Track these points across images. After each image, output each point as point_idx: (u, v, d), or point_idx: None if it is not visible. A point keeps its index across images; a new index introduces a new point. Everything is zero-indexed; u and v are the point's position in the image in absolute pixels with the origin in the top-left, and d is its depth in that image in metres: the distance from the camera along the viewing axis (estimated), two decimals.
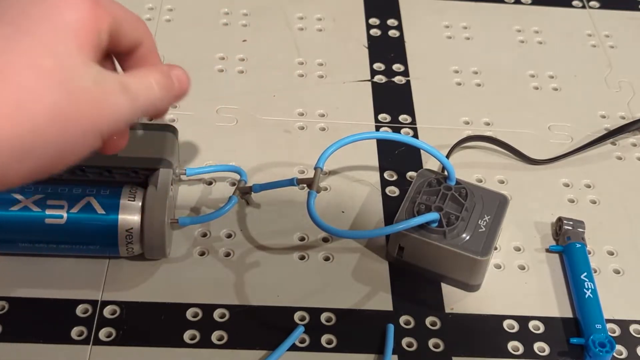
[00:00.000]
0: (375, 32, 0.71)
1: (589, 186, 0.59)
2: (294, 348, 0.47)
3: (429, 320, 0.50)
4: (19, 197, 0.49)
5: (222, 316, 0.49)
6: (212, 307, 0.49)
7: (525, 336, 0.49)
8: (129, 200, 0.49)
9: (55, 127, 0.33)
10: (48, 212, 0.48)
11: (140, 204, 0.48)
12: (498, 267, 0.53)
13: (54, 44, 0.33)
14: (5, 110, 0.31)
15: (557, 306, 0.51)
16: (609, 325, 0.50)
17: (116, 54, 0.40)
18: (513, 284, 0.52)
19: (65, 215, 0.48)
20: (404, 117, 0.63)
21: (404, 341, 0.48)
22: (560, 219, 0.55)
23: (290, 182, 0.52)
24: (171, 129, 0.54)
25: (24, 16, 0.34)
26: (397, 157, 0.60)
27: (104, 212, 0.48)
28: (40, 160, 0.33)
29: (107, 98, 0.35)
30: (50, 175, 0.34)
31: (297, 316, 0.49)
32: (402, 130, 0.62)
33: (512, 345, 0.49)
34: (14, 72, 0.32)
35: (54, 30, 0.34)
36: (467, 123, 0.63)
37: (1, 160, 0.31)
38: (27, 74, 0.32)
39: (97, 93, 0.34)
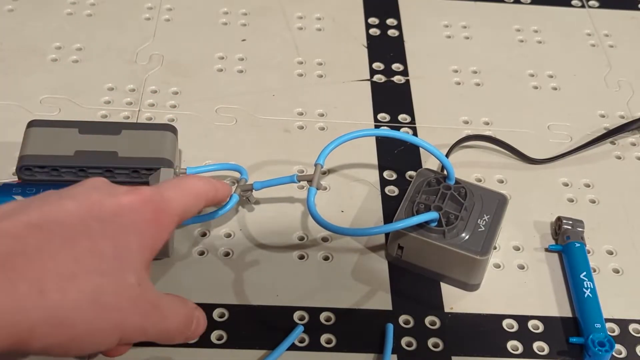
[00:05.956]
0: (374, 31, 0.71)
1: (588, 185, 0.59)
2: (293, 347, 0.47)
3: (428, 319, 0.50)
4: (20, 199, 0.49)
5: (222, 316, 0.49)
6: (211, 307, 0.49)
7: (524, 335, 0.49)
8: None
9: (94, 309, 0.34)
10: None
11: None
12: (497, 266, 0.53)
13: (117, 235, 0.35)
14: (58, 279, 0.33)
15: (556, 305, 0.51)
16: (608, 325, 0.50)
17: None
18: (512, 284, 0.52)
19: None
20: (403, 117, 0.63)
21: (404, 340, 0.48)
22: (559, 219, 0.55)
23: (291, 179, 0.52)
24: (171, 129, 0.54)
25: (97, 208, 0.36)
26: (397, 157, 0.60)
27: None
28: (65, 336, 0.33)
29: (143, 303, 0.36)
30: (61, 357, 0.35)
31: (296, 316, 0.49)
32: (402, 130, 0.62)
33: (511, 344, 0.49)
34: (75, 248, 0.34)
35: (120, 225, 0.36)
36: (466, 122, 0.63)
37: (33, 321, 0.32)
38: (85, 253, 0.34)
39: (137, 294, 0.36)
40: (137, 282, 0.35)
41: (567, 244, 0.53)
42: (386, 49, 0.69)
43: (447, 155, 0.59)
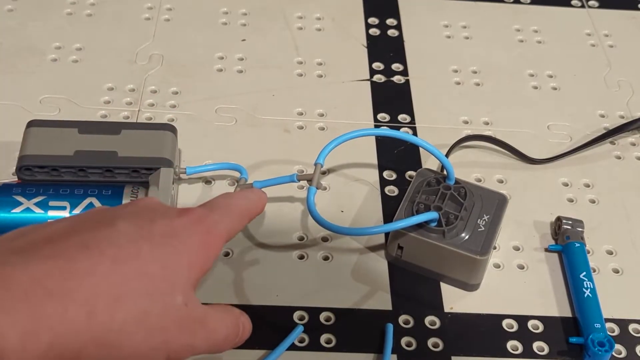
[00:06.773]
0: (374, 31, 0.71)
1: (588, 185, 0.59)
2: (293, 347, 0.47)
3: (428, 319, 0.50)
4: (20, 199, 0.49)
5: None
6: None
7: (524, 335, 0.49)
8: (131, 199, 0.49)
9: (140, 331, 0.34)
10: (50, 213, 0.48)
11: None
12: (497, 266, 0.53)
13: (166, 256, 0.35)
14: (106, 301, 0.32)
15: (556, 305, 0.51)
16: (608, 325, 0.50)
17: None
18: (512, 284, 0.52)
19: (67, 216, 0.48)
20: (403, 117, 0.63)
21: (403, 340, 0.48)
22: (559, 218, 0.55)
23: (291, 178, 0.52)
24: (171, 129, 0.54)
25: (148, 229, 0.36)
26: (397, 157, 0.60)
27: None
28: (111, 357, 0.33)
29: (189, 322, 0.36)
30: None
31: (296, 315, 0.49)
32: (402, 130, 0.62)
33: (511, 344, 0.49)
34: (125, 270, 0.33)
35: (170, 246, 0.36)
36: (466, 122, 0.63)
37: (81, 343, 0.32)
38: (134, 275, 0.34)
39: (183, 314, 0.36)
40: (183, 303, 0.36)
41: (567, 244, 0.53)
42: (386, 49, 0.69)
43: (447, 155, 0.59)
